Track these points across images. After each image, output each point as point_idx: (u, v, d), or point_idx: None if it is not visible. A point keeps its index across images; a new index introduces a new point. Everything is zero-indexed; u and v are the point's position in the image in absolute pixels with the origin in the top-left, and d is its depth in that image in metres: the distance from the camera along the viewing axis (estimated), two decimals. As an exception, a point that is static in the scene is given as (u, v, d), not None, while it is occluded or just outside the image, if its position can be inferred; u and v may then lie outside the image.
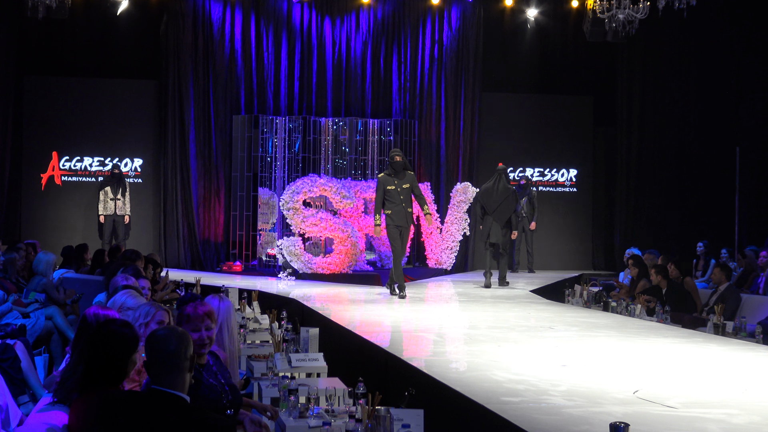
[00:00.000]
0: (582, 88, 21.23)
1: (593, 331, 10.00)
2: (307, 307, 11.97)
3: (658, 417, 5.60)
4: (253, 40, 19.46)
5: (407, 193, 13.77)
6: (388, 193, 13.71)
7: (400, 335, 9.78)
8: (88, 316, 5.67)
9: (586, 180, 21.41)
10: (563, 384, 6.59)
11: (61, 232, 19.06)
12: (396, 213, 13.67)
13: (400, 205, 13.67)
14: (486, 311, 11.86)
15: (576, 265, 20.79)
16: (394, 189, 13.69)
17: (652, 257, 14.59)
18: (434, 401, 6.36)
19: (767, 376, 7.28)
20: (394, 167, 13.79)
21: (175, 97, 19.14)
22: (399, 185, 13.72)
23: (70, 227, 19.28)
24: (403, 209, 13.70)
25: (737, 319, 10.47)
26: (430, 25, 20.11)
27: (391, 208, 13.69)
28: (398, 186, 13.71)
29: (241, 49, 19.43)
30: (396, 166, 13.77)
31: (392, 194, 13.70)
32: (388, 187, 13.70)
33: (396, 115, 19.82)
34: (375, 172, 19.11)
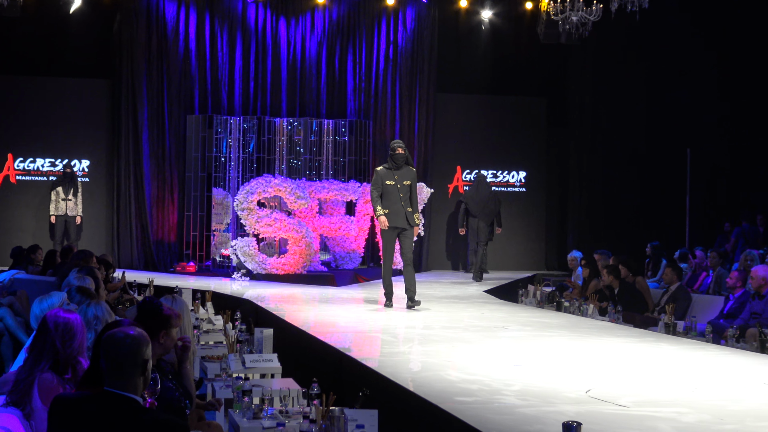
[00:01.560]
0: (535, 89, 21.35)
1: (546, 330, 10.07)
2: (261, 308, 11.94)
3: (610, 416, 5.65)
4: (207, 39, 19.36)
5: (407, 190, 12.27)
6: (385, 188, 12.21)
7: (354, 336, 9.79)
8: (49, 319, 5.62)
9: (539, 181, 21.54)
10: (516, 383, 6.63)
11: (12, 232, 18.83)
12: (394, 213, 12.17)
13: (399, 204, 12.17)
14: (440, 311, 11.89)
15: (529, 265, 20.91)
16: (393, 185, 12.21)
17: (604, 257, 14.71)
18: (388, 401, 6.37)
19: (717, 375, 7.37)
20: (394, 160, 12.30)
21: (128, 96, 18.98)
22: (399, 181, 12.22)
23: (20, 228, 19.06)
24: (403, 208, 12.17)
25: (688, 319, 10.61)
26: (385, 26, 20.13)
27: (389, 206, 12.19)
28: (398, 182, 12.22)
29: (196, 49, 19.32)
30: (397, 159, 12.29)
31: (390, 191, 12.21)
32: (387, 182, 12.23)
33: (351, 116, 19.82)
34: (330, 172, 19.10)
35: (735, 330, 9.44)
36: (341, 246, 18.38)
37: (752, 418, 5.63)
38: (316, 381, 6.02)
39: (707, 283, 14.46)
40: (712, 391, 6.55)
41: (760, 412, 5.85)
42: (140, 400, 4.28)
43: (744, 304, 11.20)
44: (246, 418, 5.96)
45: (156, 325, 5.31)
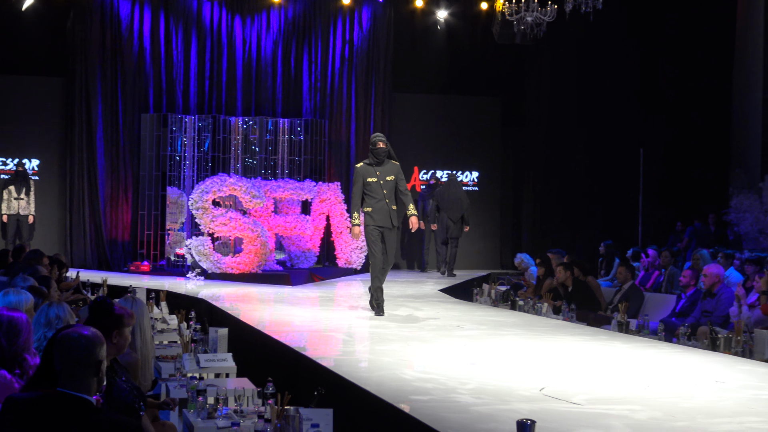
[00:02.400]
0: (490, 89, 21.44)
1: (501, 329, 10.12)
2: (216, 307, 11.89)
3: (564, 413, 5.69)
4: (162, 38, 19.24)
5: (391, 187, 11.42)
6: (367, 186, 11.36)
7: (309, 335, 9.78)
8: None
9: (493, 180, 21.63)
10: (471, 382, 6.66)
11: (-37, 231, 18.64)
12: (377, 211, 11.27)
13: (383, 201, 11.31)
14: (395, 310, 11.91)
15: (484, 264, 20.99)
16: (376, 182, 11.34)
17: (558, 256, 14.81)
18: (343, 400, 6.37)
19: (669, 373, 7.44)
20: (375, 155, 11.44)
21: (82, 94, 18.82)
22: (381, 177, 11.38)
23: (-28, 227, 18.86)
24: (387, 206, 11.29)
25: (640, 317, 10.69)
26: (341, 26, 20.13)
27: (372, 204, 11.30)
28: (380, 178, 11.37)
29: (150, 47, 19.20)
30: (378, 154, 11.43)
31: (373, 188, 11.35)
32: (368, 179, 11.36)
33: (306, 115, 19.79)
34: (285, 171, 19.06)
35: (687, 328, 9.55)
36: (297, 245, 18.36)
37: (703, 415, 5.69)
38: (271, 380, 6.01)
39: (660, 281, 14.60)
40: (664, 389, 6.62)
41: (711, 409, 5.92)
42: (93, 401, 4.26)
43: (696, 302, 11.33)
44: (200, 417, 5.94)
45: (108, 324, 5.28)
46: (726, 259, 14.01)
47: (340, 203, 18.53)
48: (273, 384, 5.97)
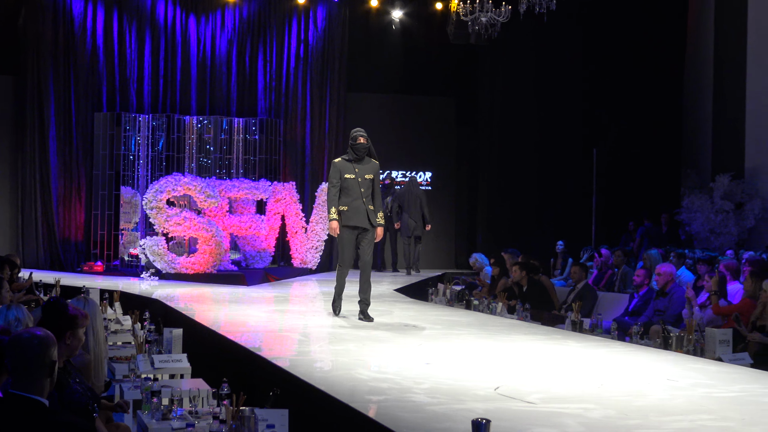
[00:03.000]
0: (445, 89, 21.51)
1: (456, 329, 10.15)
2: (170, 308, 11.83)
3: (519, 413, 5.72)
4: (115, 36, 19.10)
5: (369, 185, 10.85)
6: (345, 183, 10.76)
7: (264, 335, 9.76)
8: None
9: (448, 180, 21.69)
10: (427, 382, 6.68)
11: None
12: (353, 210, 10.68)
13: (359, 200, 10.69)
14: (350, 310, 11.90)
15: (439, 264, 21.05)
16: (354, 179, 10.76)
17: (512, 256, 14.89)
18: (299, 401, 6.37)
19: (622, 372, 7.51)
20: (355, 151, 10.90)
21: (34, 93, 18.62)
22: (360, 174, 10.80)
23: None
24: (364, 206, 10.68)
25: (594, 316, 10.78)
26: (296, 25, 20.09)
27: (348, 203, 10.70)
28: (359, 175, 10.78)
29: (104, 45, 19.04)
30: (358, 150, 10.89)
31: (350, 185, 10.74)
32: (346, 176, 10.77)
33: (261, 114, 19.73)
34: (240, 171, 18.99)
35: (639, 327, 9.64)
36: (252, 245, 18.30)
37: (656, 413, 5.75)
38: (226, 381, 5.99)
39: (613, 281, 14.73)
40: (618, 387, 6.68)
41: (664, 407, 5.98)
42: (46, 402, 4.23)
43: (648, 301, 11.45)
44: (155, 419, 5.91)
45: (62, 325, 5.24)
46: (678, 259, 14.16)
47: (295, 203, 18.50)
48: (228, 385, 5.95)
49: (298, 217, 18.53)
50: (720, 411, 5.87)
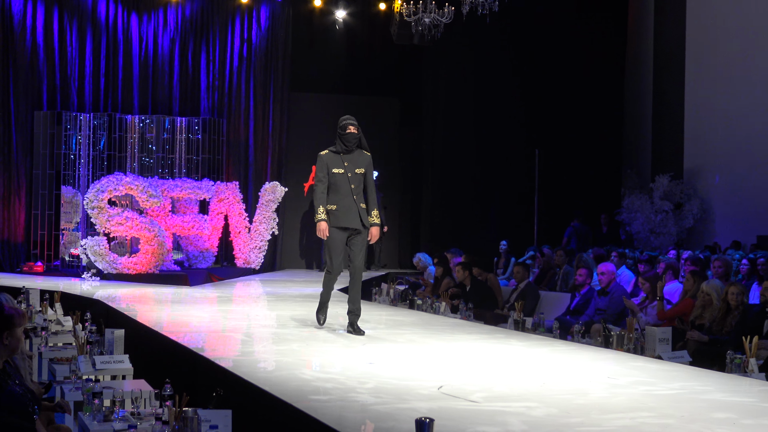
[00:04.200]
0: (389, 89, 21.54)
1: (399, 328, 10.17)
2: (112, 308, 11.72)
3: (462, 412, 5.75)
4: (56, 34, 18.87)
5: (360, 181, 9.50)
6: (332, 178, 9.47)
7: (208, 335, 9.71)
8: None
9: (392, 180, 21.73)
10: (370, 381, 6.69)
11: None
12: (343, 209, 9.39)
13: (350, 198, 9.40)
14: (294, 310, 11.89)
15: (383, 263, 21.08)
16: (343, 174, 9.45)
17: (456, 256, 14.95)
18: (243, 401, 6.35)
19: (564, 370, 7.58)
20: (344, 141, 9.61)
21: (-28, 91, 18.37)
22: (350, 168, 9.48)
23: None
24: (355, 204, 9.41)
25: (536, 316, 10.86)
26: (239, 24, 20.01)
27: (337, 201, 9.40)
28: (348, 170, 9.46)
29: (44, 44, 18.80)
30: (348, 141, 9.60)
31: (339, 181, 9.44)
32: (334, 170, 9.48)
33: (204, 114, 19.62)
34: (183, 171, 18.87)
35: (581, 326, 9.73)
36: (194, 245, 18.20)
37: (597, 411, 5.81)
38: (169, 382, 5.96)
39: (555, 280, 14.85)
40: (560, 386, 6.74)
41: (605, 405, 6.04)
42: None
43: (589, 300, 11.56)
44: (96, 420, 5.86)
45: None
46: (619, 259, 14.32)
47: (238, 203, 18.43)
48: (171, 385, 5.92)
49: (242, 216, 18.47)
50: (660, 408, 5.95)
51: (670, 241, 19.16)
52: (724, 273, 11.63)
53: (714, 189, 19.89)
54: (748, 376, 7.28)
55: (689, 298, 10.34)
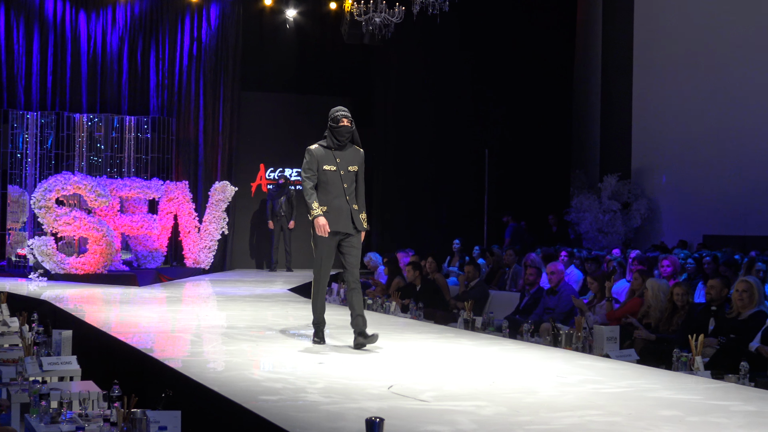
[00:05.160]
0: (340, 88, 21.51)
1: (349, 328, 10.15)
2: (59, 309, 11.61)
3: (412, 411, 5.76)
4: (2, 31, 18.64)
5: (353, 180, 8.68)
6: (323, 176, 8.58)
7: (156, 336, 9.65)
8: None
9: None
10: (320, 381, 6.69)
11: None
12: (335, 211, 8.53)
13: (342, 198, 8.55)
14: (244, 310, 11.86)
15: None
16: (335, 172, 8.57)
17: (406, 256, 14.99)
18: (192, 402, 6.32)
19: (513, 369, 7.62)
20: (337, 135, 8.64)
21: None
22: (342, 165, 8.60)
23: None
24: (347, 205, 8.57)
25: (485, 315, 10.91)
26: (189, 23, 19.89)
27: (328, 201, 8.53)
28: (341, 167, 8.59)
29: (-10, 41, 18.60)
30: (340, 134, 8.62)
31: (330, 180, 8.56)
32: (325, 167, 8.57)
33: (153, 113, 19.48)
34: (132, 170, 18.73)
35: (530, 325, 9.79)
36: (143, 245, 18.08)
37: (546, 410, 5.85)
38: (117, 383, 5.92)
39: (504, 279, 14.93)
40: (509, 384, 6.77)
41: (553, 403, 6.08)
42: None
43: (539, 299, 11.64)
44: (43, 422, 5.80)
45: None
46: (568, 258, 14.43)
47: (188, 202, 18.34)
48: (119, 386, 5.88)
49: (191, 216, 18.38)
50: (608, 406, 6.00)
51: (618, 241, 19.35)
52: (671, 272, 11.77)
53: (661, 189, 20.13)
54: (694, 374, 7.38)
55: (637, 297, 10.45)
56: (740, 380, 7.07)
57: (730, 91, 18.57)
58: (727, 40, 18.77)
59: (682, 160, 19.63)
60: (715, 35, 19.02)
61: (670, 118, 19.93)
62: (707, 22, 19.21)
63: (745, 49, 18.37)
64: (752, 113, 18.12)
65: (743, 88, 18.28)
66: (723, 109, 18.67)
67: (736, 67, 18.48)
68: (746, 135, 18.21)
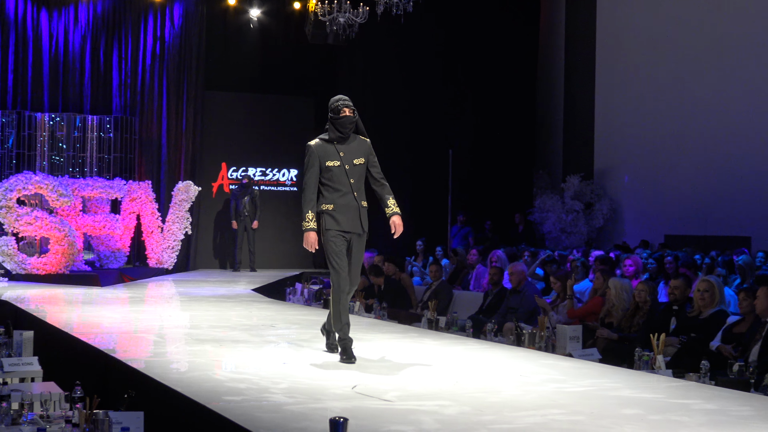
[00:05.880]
0: (304, 89, 21.48)
1: (313, 328, 10.15)
2: (21, 309, 11.52)
3: (376, 411, 5.77)
4: (-38, 29, 18.50)
5: (360, 174, 8.02)
6: (328, 172, 7.84)
7: (119, 336, 9.60)
8: None
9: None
10: (284, 381, 6.68)
11: None
12: (343, 210, 7.84)
13: (349, 195, 7.87)
14: (208, 311, 11.82)
15: (297, 263, 21.03)
16: (339, 166, 7.83)
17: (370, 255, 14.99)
18: (155, 403, 6.29)
19: (477, 369, 7.65)
20: (339, 127, 7.89)
21: None
22: (347, 159, 7.87)
23: None
24: (355, 202, 7.92)
25: (449, 315, 10.94)
26: (152, 22, 19.78)
27: (335, 200, 7.82)
28: (345, 161, 7.85)
29: (-51, 39, 18.43)
30: (343, 125, 7.90)
31: (335, 176, 7.84)
32: (329, 163, 7.83)
33: (116, 112, 19.37)
34: (94, 170, 18.61)
35: (493, 325, 9.83)
36: (106, 245, 17.97)
37: (509, 409, 5.88)
38: (80, 384, 5.88)
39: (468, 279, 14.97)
40: (473, 384, 6.80)
41: (517, 402, 6.11)
42: None
43: (502, 299, 11.68)
44: (4, 424, 5.75)
45: None
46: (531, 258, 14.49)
47: (151, 202, 18.24)
48: (81, 387, 5.84)
49: (154, 216, 18.29)
50: (571, 405, 6.04)
51: (580, 241, 19.47)
52: (634, 272, 11.87)
53: (623, 189, 20.28)
54: (656, 373, 7.44)
55: (599, 297, 10.52)
56: (701, 379, 7.13)
57: (691, 92, 18.74)
58: (688, 44, 18.93)
59: (644, 161, 19.78)
60: (677, 38, 19.18)
61: (632, 119, 20.08)
62: (669, 26, 19.37)
63: (706, 53, 18.54)
64: (712, 115, 18.29)
65: (704, 90, 18.45)
66: (684, 111, 18.84)
67: (698, 70, 18.65)
68: (707, 136, 18.38)
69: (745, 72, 17.72)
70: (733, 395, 6.55)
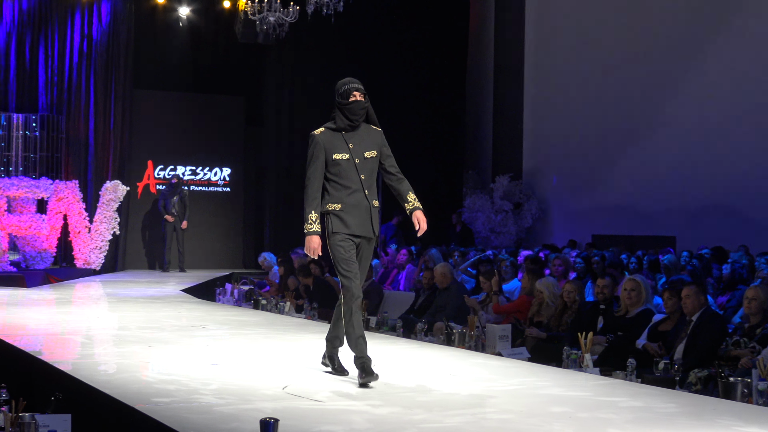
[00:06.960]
0: (233, 88, 21.39)
1: (244, 329, 10.14)
2: (-57, 311, 11.33)
3: (307, 411, 5.77)
4: None
5: (372, 169, 6.91)
6: (335, 167, 6.79)
7: (45, 338, 9.47)
8: None
9: (238, 179, 21.60)
10: (214, 382, 6.65)
11: None
12: (352, 209, 6.75)
13: (360, 193, 6.76)
14: (136, 311, 11.72)
15: (227, 263, 20.94)
16: (348, 160, 6.77)
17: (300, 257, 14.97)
18: (83, 405, 6.23)
19: (407, 368, 7.68)
20: (348, 114, 6.85)
21: None
22: (357, 152, 6.80)
23: None
24: (366, 201, 6.78)
25: (380, 314, 10.97)
26: (80, 19, 19.53)
27: (342, 198, 6.77)
28: (356, 153, 6.79)
29: None
30: (353, 112, 6.85)
31: (344, 170, 6.77)
32: (336, 156, 6.78)
33: (42, 110, 19.11)
34: (20, 169, 18.33)
35: (423, 324, 9.87)
36: (32, 245, 17.70)
37: (440, 408, 5.91)
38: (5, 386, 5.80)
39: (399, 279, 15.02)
40: (403, 383, 6.82)
41: (447, 401, 6.15)
42: None
43: (432, 299, 11.74)
44: (-74, 429, 5.66)
45: None
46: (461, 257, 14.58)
47: (78, 202, 18.02)
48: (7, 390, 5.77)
49: (81, 216, 18.07)
50: (500, 404, 6.09)
51: (510, 240, 19.63)
52: (563, 272, 12.00)
53: (551, 189, 20.50)
54: (584, 371, 7.53)
55: (525, 296, 10.62)
56: (628, 377, 7.24)
57: (617, 93, 18.98)
58: (614, 45, 19.19)
59: (572, 161, 20.02)
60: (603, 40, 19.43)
61: (560, 120, 20.30)
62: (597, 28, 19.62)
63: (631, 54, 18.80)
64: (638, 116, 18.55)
65: (631, 91, 18.70)
66: (611, 112, 19.10)
67: (623, 70, 18.90)
68: (632, 137, 18.64)
69: (670, 72, 18.00)
70: (658, 392, 6.66)
